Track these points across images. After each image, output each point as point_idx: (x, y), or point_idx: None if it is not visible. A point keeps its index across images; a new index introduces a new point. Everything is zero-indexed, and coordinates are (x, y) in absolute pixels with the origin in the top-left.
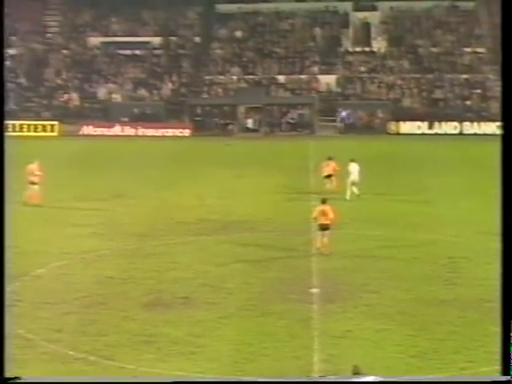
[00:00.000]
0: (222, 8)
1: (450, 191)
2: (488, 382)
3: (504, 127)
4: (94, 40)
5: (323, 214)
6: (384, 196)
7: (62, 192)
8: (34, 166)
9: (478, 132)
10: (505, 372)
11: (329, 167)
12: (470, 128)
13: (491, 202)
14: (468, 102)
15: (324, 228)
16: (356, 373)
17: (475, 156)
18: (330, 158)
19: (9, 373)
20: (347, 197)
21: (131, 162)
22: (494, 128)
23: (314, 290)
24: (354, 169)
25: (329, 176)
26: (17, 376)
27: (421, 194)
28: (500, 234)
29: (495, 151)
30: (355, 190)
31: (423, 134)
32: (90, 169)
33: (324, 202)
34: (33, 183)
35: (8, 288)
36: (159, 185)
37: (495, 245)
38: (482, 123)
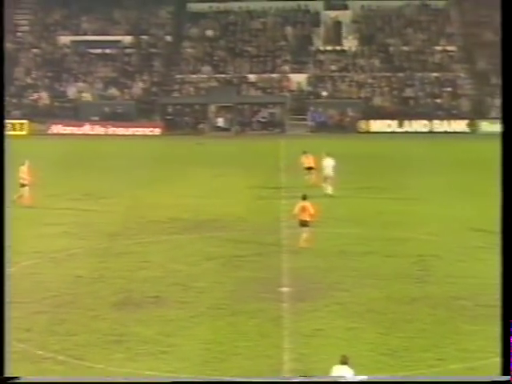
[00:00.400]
0: (194, 7)
1: (424, 189)
2: (488, 382)
3: (504, 126)
4: (65, 39)
5: (303, 210)
6: (357, 194)
7: (33, 191)
8: (24, 168)
9: (448, 130)
10: (505, 372)
11: (309, 159)
12: (439, 126)
13: (464, 200)
14: (438, 101)
15: (304, 224)
16: (344, 362)
17: (447, 154)
18: (305, 152)
19: (8, 373)
20: (326, 191)
21: (102, 162)
22: (463, 126)
23: (285, 289)
24: (328, 163)
25: (310, 168)
26: (16, 376)
27: (394, 192)
28: (500, 234)
29: (465, 149)
30: (329, 187)
31: (393, 133)
32: (61, 168)
33: (305, 198)
34: (23, 185)
35: None
36: (131, 184)
37: (469, 242)
38: (452, 121)
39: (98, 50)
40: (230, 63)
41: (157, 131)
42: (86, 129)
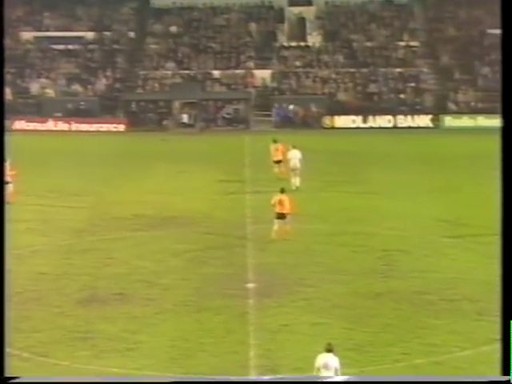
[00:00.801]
0: (157, 3)
1: (389, 184)
2: (488, 382)
3: (504, 122)
4: (27, 35)
5: (280, 203)
6: (322, 189)
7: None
8: (6, 165)
9: (412, 125)
10: (505, 372)
11: (278, 152)
12: (403, 121)
13: (428, 195)
14: (402, 96)
15: (280, 217)
16: (329, 350)
17: (411, 149)
18: (275, 141)
19: (8, 373)
20: (293, 187)
21: (66, 158)
22: (427, 121)
23: (251, 285)
24: (294, 155)
25: (278, 162)
26: (16, 376)
27: (359, 188)
28: (500, 234)
29: (429, 144)
30: (297, 178)
31: (358, 128)
32: (24, 164)
33: (283, 191)
34: (6, 182)
35: None
36: (95, 180)
37: (433, 237)
38: (416, 116)
39: (61, 46)
40: (193, 59)
41: (121, 127)
42: (50, 125)
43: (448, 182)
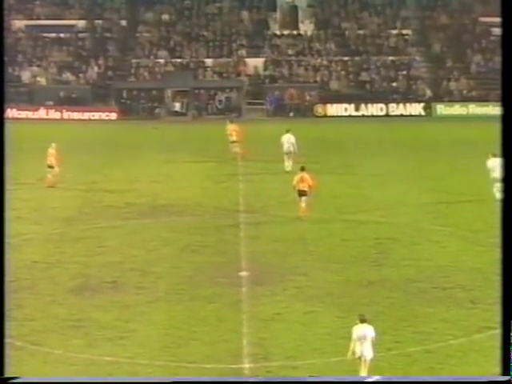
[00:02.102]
0: None
1: (380, 173)
2: (488, 382)
3: (503, 110)
4: (19, 23)
5: (302, 180)
6: (314, 178)
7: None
8: (51, 150)
9: (404, 113)
10: (505, 372)
11: (234, 132)
12: (395, 109)
13: (420, 183)
14: (394, 84)
15: (302, 194)
16: (363, 321)
17: (403, 137)
18: (231, 122)
19: (8, 373)
20: (286, 169)
21: (57, 146)
22: (419, 109)
23: (243, 274)
24: (287, 139)
25: (234, 142)
26: (16, 376)
27: (350, 176)
28: (500, 233)
29: (421, 132)
30: (290, 162)
31: (350, 116)
32: (15, 152)
33: (303, 169)
34: (50, 166)
35: None
36: (87, 168)
37: (425, 225)
38: (408, 104)
39: (53, 35)
40: (186, 48)
41: (113, 116)
42: (41, 113)
43: (439, 169)
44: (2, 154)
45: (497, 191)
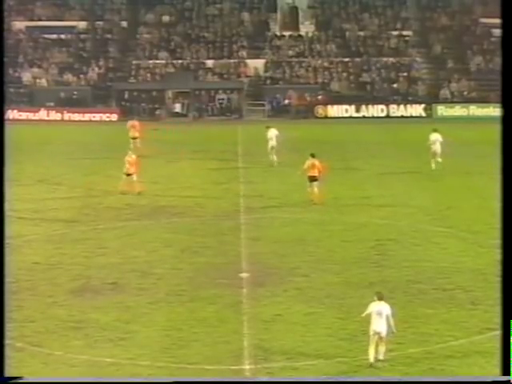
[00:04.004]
0: None
1: (380, 174)
2: (488, 382)
3: (503, 111)
4: (19, 24)
5: (313, 166)
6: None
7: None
8: (129, 158)
9: (405, 114)
10: (505, 372)
11: (132, 128)
12: (396, 111)
13: (420, 185)
14: (395, 85)
15: (313, 179)
16: (380, 298)
17: (403, 139)
18: (132, 119)
19: (9, 373)
20: (273, 164)
21: (58, 147)
22: (420, 110)
23: (244, 275)
24: (272, 134)
25: (135, 138)
26: (18, 376)
27: (350, 177)
28: (500, 234)
29: (421, 133)
30: (274, 156)
31: (351, 117)
32: (16, 154)
33: (313, 156)
34: (128, 174)
35: None
36: (87, 170)
37: (425, 227)
38: (409, 106)
39: (53, 36)
40: (186, 49)
41: (113, 117)
42: (42, 114)
43: (439, 170)
44: (3, 155)
45: (433, 163)
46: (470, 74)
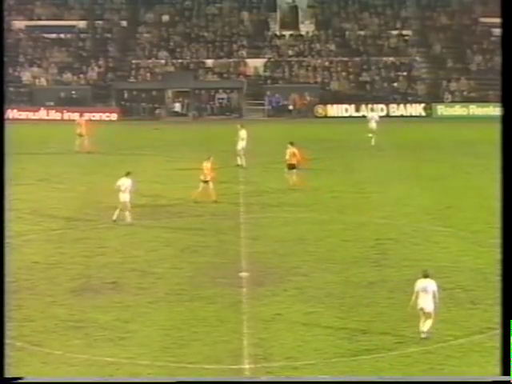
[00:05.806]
0: None
1: (380, 173)
2: (488, 382)
3: (504, 111)
4: (19, 23)
5: (293, 155)
6: (312, 178)
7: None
8: (206, 164)
9: (405, 114)
10: (505, 372)
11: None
12: (396, 110)
13: (419, 184)
14: (395, 85)
15: (291, 167)
16: (426, 276)
17: (403, 138)
18: (81, 115)
19: (9, 372)
20: (239, 163)
21: (58, 146)
22: (420, 109)
23: (244, 274)
24: (244, 135)
25: (81, 135)
26: (19, 376)
27: (350, 176)
28: (500, 234)
29: (421, 133)
30: (243, 159)
31: (351, 117)
32: (16, 153)
33: (292, 144)
34: (205, 181)
35: None
36: (87, 169)
37: (425, 226)
38: (408, 105)
39: (53, 35)
40: (186, 48)
41: (113, 116)
42: (42, 114)
43: (439, 170)
44: (3, 155)
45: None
46: (470, 74)
